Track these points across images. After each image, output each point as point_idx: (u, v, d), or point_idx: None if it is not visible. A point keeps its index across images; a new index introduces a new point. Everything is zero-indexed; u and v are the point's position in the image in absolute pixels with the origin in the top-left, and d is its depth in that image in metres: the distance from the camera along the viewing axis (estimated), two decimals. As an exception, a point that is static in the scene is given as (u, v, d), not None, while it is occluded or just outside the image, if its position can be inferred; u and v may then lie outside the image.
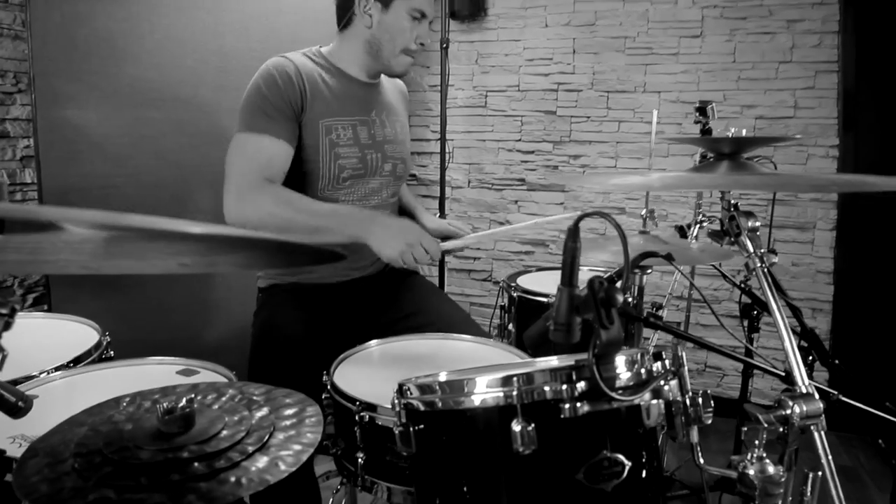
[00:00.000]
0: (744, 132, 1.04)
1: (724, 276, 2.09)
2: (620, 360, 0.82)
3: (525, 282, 2.08)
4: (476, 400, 0.81)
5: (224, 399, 0.95)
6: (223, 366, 1.36)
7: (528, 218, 3.24)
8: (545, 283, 2.03)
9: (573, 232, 0.79)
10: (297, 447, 0.81)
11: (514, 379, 0.78)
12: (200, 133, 2.35)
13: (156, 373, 1.34)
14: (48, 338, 1.53)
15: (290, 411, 0.94)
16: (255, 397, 0.97)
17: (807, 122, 2.80)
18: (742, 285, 1.85)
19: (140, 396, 0.98)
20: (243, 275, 2.43)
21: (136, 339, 1.87)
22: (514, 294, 1.99)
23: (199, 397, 0.92)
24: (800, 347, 1.06)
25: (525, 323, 1.96)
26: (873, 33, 2.66)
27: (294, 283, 1.76)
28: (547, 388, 0.78)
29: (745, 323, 2.05)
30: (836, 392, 1.24)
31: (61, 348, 1.40)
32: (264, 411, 0.93)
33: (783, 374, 1.30)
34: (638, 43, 2.97)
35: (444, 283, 3.09)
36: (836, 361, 1.64)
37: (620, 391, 0.79)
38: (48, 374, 1.28)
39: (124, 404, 0.95)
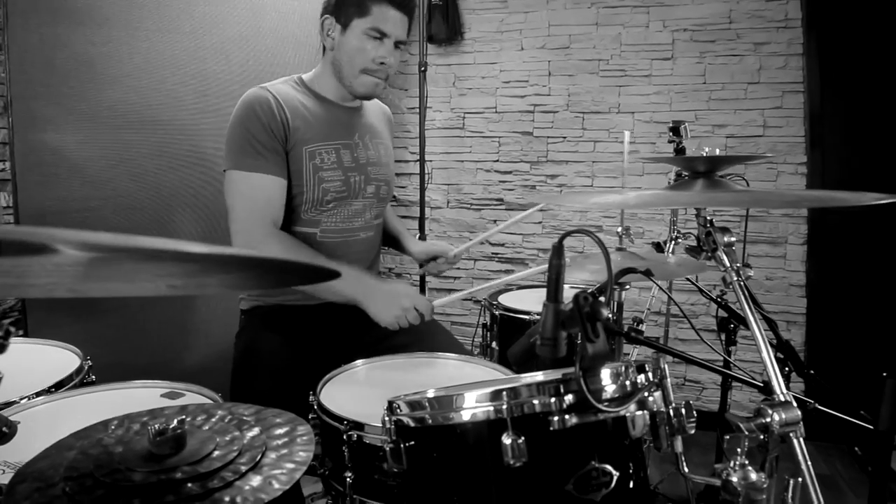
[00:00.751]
0: (717, 151, 1.09)
1: (701, 291, 2.13)
2: (606, 373, 0.84)
3: (507, 300, 2.10)
4: (466, 415, 0.83)
5: (214, 420, 0.95)
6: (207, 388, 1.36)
7: (506, 238, 3.27)
8: (526, 301, 2.06)
9: (558, 249, 0.81)
10: (290, 465, 0.81)
11: (504, 393, 0.80)
12: (180, 156, 2.35)
13: (140, 396, 1.33)
14: (28, 363, 1.51)
15: (280, 430, 0.95)
16: (245, 417, 0.97)
17: (775, 141, 2.89)
18: (719, 300, 1.90)
19: (128, 419, 0.97)
20: (225, 296, 2.42)
21: (115, 362, 1.85)
22: (496, 312, 2.01)
23: (188, 419, 0.92)
24: (776, 359, 1.10)
25: (508, 340, 1.98)
26: (836, 55, 2.76)
27: (276, 304, 1.76)
28: (536, 402, 0.79)
29: (723, 336, 2.10)
30: (812, 401, 1.28)
31: (42, 373, 1.38)
32: (255, 431, 0.93)
33: (762, 384, 1.34)
34: (611, 65, 3.05)
35: (424, 302, 3.10)
36: (812, 372, 1.69)
37: (607, 403, 0.82)
38: (29, 399, 1.27)
39: (112, 427, 0.94)
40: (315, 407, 1.28)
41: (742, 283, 1.08)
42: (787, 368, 1.56)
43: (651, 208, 3.01)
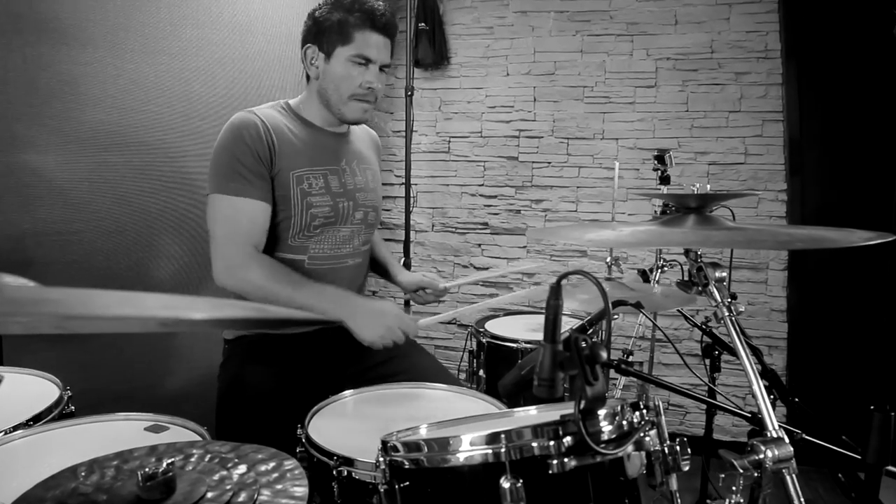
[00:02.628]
0: (708, 187, 1.10)
1: (686, 318, 2.15)
2: (602, 413, 0.84)
3: (493, 327, 2.09)
4: (462, 457, 0.82)
5: (193, 459, 0.92)
6: (190, 418, 1.33)
7: (491, 262, 3.28)
8: (514, 328, 2.05)
9: (555, 290, 0.81)
10: (290, 501, 0.79)
11: (502, 436, 0.79)
12: (165, 178, 2.32)
13: (123, 430, 1.30)
14: (3, 393, 1.46)
15: (266, 466, 0.92)
16: (224, 455, 0.94)
17: (756, 168, 2.94)
18: (703, 326, 1.92)
19: (97, 464, 0.93)
20: (208, 322, 2.38)
21: (93, 388, 1.81)
22: (483, 340, 2.00)
23: (165, 459, 0.89)
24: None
25: (495, 368, 1.97)
26: (814, 85, 2.83)
27: (261, 334, 1.73)
28: (535, 444, 0.79)
29: (707, 362, 2.11)
30: (799, 431, 1.29)
31: (19, 405, 1.34)
32: (242, 468, 0.91)
33: (749, 415, 1.35)
34: (596, 92, 3.09)
35: (409, 326, 3.08)
36: (797, 399, 1.70)
37: (604, 444, 0.81)
38: (6, 433, 1.23)
39: (83, 474, 0.90)
40: (303, 440, 1.26)
41: (734, 318, 1.09)
42: (771, 396, 1.57)
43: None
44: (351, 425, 1.36)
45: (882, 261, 2.68)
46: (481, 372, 2.00)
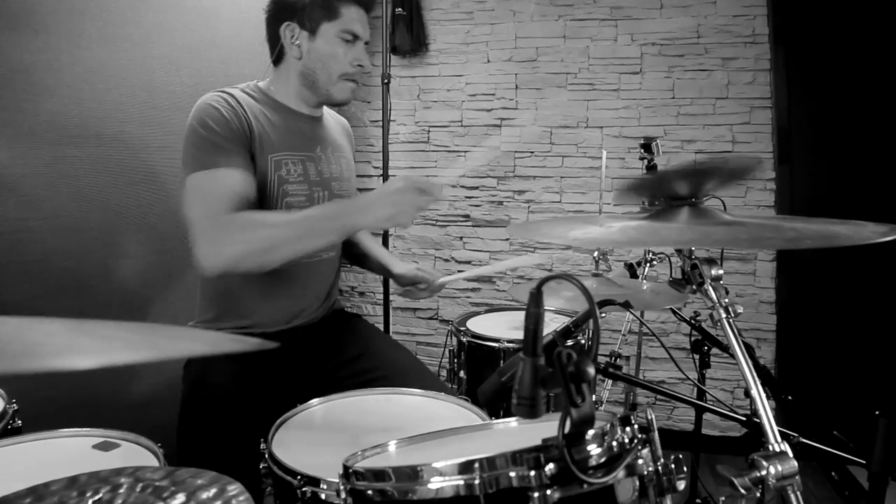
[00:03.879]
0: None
1: (675, 312, 2.07)
2: (590, 434, 0.75)
3: (475, 325, 2.00)
4: (434, 488, 0.72)
5: (122, 491, 0.81)
6: (158, 425, 1.23)
7: (473, 255, 3.18)
8: (496, 327, 1.96)
9: (535, 297, 0.71)
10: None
11: (476, 465, 0.69)
12: (127, 172, 2.20)
13: (69, 447, 1.20)
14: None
15: (208, 493, 0.82)
16: (157, 483, 0.84)
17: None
18: (692, 321, 1.84)
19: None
20: (170, 318, 2.27)
21: (45, 397, 1.70)
22: (464, 339, 1.91)
23: (89, 494, 0.78)
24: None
25: (476, 369, 1.88)
26: (803, 70, 2.75)
27: (230, 332, 1.62)
28: (513, 475, 0.69)
29: (697, 357, 2.04)
30: (796, 434, 1.22)
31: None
32: (180, 498, 0.80)
33: (743, 418, 1.27)
34: (580, 79, 2.99)
35: (388, 321, 2.99)
36: (790, 397, 1.64)
37: (592, 471, 0.72)
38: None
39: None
40: (266, 456, 1.16)
41: (731, 320, 1.01)
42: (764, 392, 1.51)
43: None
44: (318, 438, 1.26)
45: (873, 251, 2.62)
46: (462, 373, 1.90)
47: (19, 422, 1.33)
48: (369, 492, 0.78)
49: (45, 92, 2.07)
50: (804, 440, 1.25)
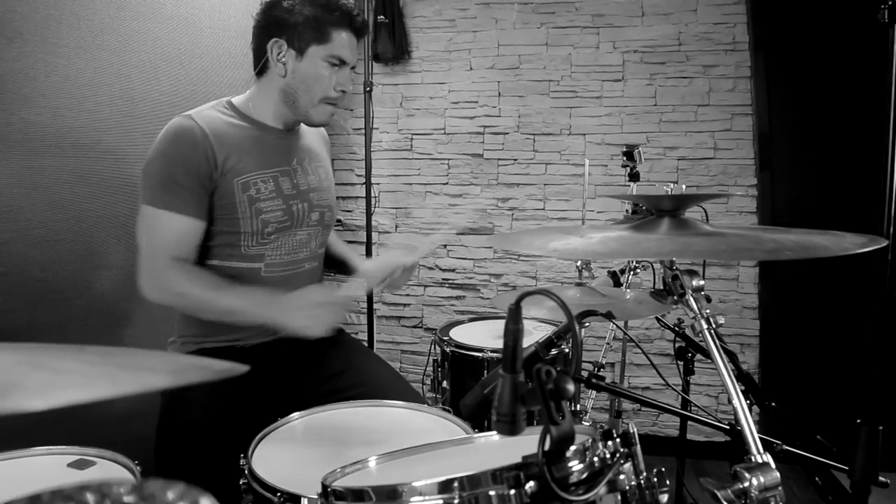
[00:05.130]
0: (683, 188, 1.00)
1: (658, 320, 2.08)
2: (571, 451, 0.74)
3: (459, 334, 1.99)
4: (412, 508, 0.71)
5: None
6: (139, 439, 1.20)
7: (457, 262, 3.17)
8: (480, 336, 1.95)
9: (514, 313, 0.71)
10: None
11: (456, 484, 0.68)
12: (104, 182, 2.16)
13: (43, 467, 1.17)
14: None
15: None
16: (125, 500, 0.81)
17: (726, 163, 2.88)
18: (676, 328, 1.84)
19: None
20: (151, 331, 2.24)
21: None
22: (448, 349, 1.90)
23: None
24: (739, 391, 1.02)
25: (460, 379, 1.86)
26: (783, 77, 2.78)
27: (210, 347, 1.60)
28: (492, 493, 0.68)
29: (681, 365, 2.04)
30: (779, 442, 1.22)
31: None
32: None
33: (727, 427, 1.27)
34: (562, 86, 3.00)
35: (373, 330, 2.97)
36: (773, 404, 1.64)
37: (573, 488, 0.71)
38: None
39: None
40: (246, 472, 1.14)
41: (713, 331, 1.00)
42: (748, 400, 1.51)
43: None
44: (299, 452, 1.24)
45: (855, 256, 2.65)
46: (445, 383, 1.89)
47: (-9, 440, 1.29)
48: (348, 512, 0.77)
49: (18, 101, 2.03)
50: (787, 447, 1.25)
